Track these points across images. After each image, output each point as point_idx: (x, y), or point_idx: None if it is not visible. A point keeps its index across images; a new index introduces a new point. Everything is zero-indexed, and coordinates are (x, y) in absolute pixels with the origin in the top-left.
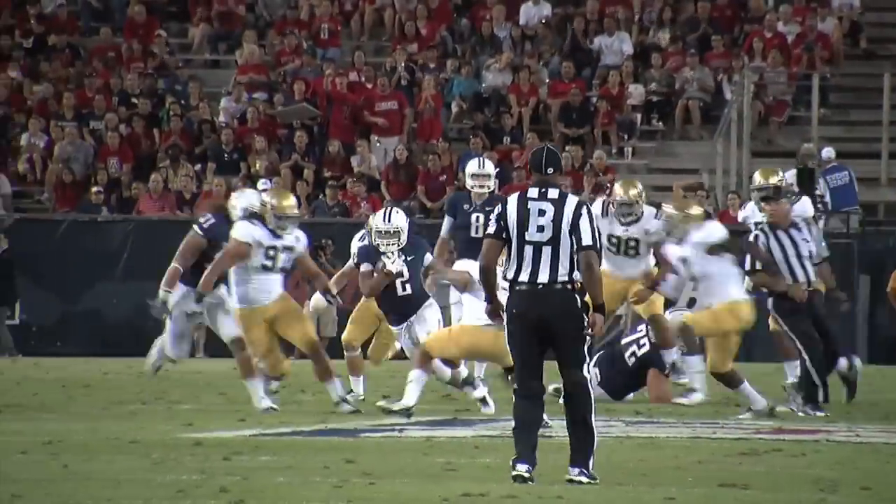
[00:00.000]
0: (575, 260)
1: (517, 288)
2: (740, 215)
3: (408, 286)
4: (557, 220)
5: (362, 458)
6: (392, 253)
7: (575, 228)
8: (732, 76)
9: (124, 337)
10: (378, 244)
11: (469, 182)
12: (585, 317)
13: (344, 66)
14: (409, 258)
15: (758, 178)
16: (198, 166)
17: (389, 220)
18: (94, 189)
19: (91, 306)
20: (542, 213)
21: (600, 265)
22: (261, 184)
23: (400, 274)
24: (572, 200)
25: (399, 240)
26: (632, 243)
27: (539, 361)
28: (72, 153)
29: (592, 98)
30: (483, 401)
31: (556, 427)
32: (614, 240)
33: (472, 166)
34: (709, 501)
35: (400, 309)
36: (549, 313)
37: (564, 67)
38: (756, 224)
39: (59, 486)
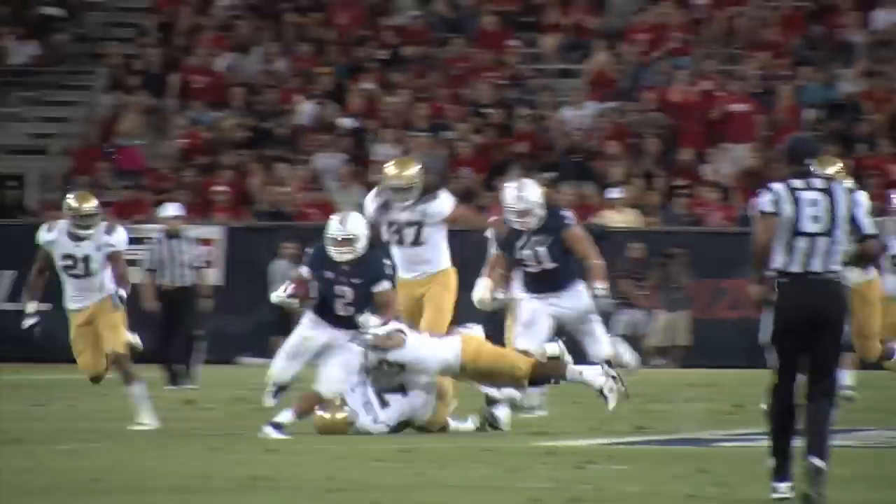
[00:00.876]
0: (845, 251)
1: (785, 280)
2: None
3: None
4: (832, 210)
5: (715, 467)
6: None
7: (853, 218)
8: None
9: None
10: (331, 252)
11: None
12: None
13: (695, 74)
14: (354, 280)
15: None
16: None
17: (345, 226)
18: None
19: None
20: (813, 203)
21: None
22: (613, 192)
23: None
24: (840, 188)
25: (354, 248)
26: None
27: (801, 362)
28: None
29: None
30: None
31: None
32: None
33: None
34: None
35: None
36: (820, 303)
37: None
38: None
39: (415, 493)
